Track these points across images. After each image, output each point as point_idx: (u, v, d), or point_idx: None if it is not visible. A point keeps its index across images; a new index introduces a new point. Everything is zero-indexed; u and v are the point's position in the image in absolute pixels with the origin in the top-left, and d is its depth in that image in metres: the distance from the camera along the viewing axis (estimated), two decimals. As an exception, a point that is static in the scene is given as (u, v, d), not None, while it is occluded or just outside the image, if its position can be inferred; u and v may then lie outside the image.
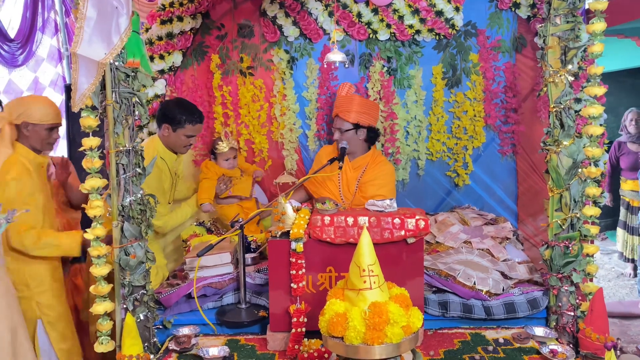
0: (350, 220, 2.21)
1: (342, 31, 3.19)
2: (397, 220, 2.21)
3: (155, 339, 2.34)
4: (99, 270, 2.12)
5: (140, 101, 2.23)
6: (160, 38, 3.05)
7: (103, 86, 2.12)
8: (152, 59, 3.05)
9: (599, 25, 2.16)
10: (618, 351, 2.10)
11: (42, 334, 2.64)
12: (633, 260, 5.21)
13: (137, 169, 2.23)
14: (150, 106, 2.95)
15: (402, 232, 2.21)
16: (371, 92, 3.31)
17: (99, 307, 2.14)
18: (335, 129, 2.91)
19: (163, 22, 3.04)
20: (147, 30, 3.06)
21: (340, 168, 2.81)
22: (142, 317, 2.24)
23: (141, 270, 2.23)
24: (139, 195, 2.23)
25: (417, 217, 2.21)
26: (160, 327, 2.44)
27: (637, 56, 5.05)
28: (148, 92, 2.91)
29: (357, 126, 2.93)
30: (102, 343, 2.16)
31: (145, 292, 2.27)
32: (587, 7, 2.32)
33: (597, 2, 2.16)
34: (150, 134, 2.92)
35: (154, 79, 2.98)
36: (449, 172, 3.43)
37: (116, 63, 2.11)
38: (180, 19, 3.04)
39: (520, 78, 3.23)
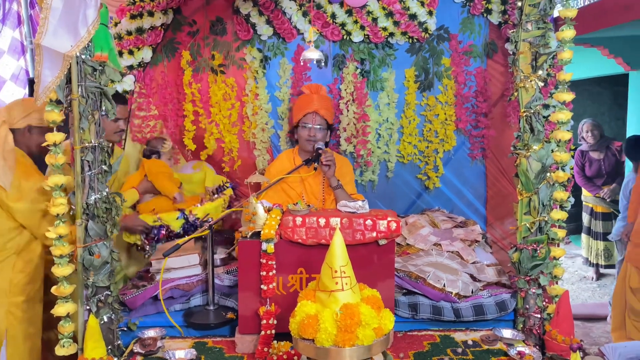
0: (322, 221, 2.19)
1: (316, 32, 3.18)
2: (369, 222, 2.20)
3: (119, 342, 2.27)
4: (61, 270, 2.05)
5: (108, 96, 2.16)
6: (129, 33, 2.97)
7: (69, 80, 2.05)
8: (120, 54, 2.97)
9: (568, 32, 2.20)
10: (582, 352, 2.14)
11: None
12: (596, 265, 5.36)
13: (103, 166, 2.16)
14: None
15: (374, 234, 2.20)
16: (344, 94, 3.30)
17: (61, 309, 2.06)
18: (312, 126, 2.85)
19: (133, 17, 2.96)
20: (116, 24, 2.98)
21: (316, 169, 2.78)
22: (105, 319, 2.18)
23: (105, 270, 2.16)
24: (105, 193, 2.16)
25: (389, 218, 2.21)
26: (125, 329, 2.37)
27: (603, 65, 5.19)
28: (116, 88, 2.83)
29: (330, 127, 2.94)
30: (63, 346, 2.09)
31: (109, 293, 2.20)
32: (556, 15, 2.36)
33: (567, 9, 2.21)
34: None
35: (123, 75, 2.89)
36: (420, 175, 3.45)
37: (83, 56, 2.04)
38: (150, 14, 2.96)
39: (491, 83, 3.27)
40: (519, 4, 2.29)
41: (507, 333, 2.30)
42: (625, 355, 2.44)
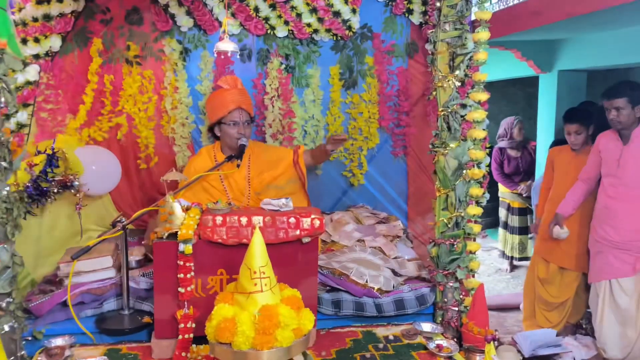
0: (243, 220, 2.13)
1: (238, 25, 3.10)
2: (292, 220, 2.17)
3: (23, 352, 2.11)
4: (-47, 277, 1.87)
5: (7, 87, 1.99)
6: (35, 19, 2.74)
7: (-39, 68, 1.86)
8: (25, 41, 2.74)
9: (483, 34, 2.28)
10: (496, 342, 2.23)
11: None
12: (511, 257, 5.64)
13: (3, 163, 1.99)
14: (20, 93, 2.64)
15: (298, 232, 2.18)
16: (269, 89, 3.24)
17: (-48, 319, 1.88)
18: (238, 122, 2.76)
19: (39, 2, 2.73)
20: (20, 9, 2.74)
21: (239, 166, 2.70)
22: (7, 329, 2.02)
23: (6, 276, 2.00)
24: (5, 193, 1.99)
25: (312, 216, 2.20)
26: (30, 338, 2.21)
27: (516, 67, 5.46)
28: (18, 78, 2.60)
29: (252, 120, 2.88)
30: (-45, 360, 1.90)
31: (11, 300, 2.03)
32: (473, 17, 2.44)
33: (482, 12, 2.29)
34: (18, 125, 2.62)
35: (26, 64, 2.67)
36: (345, 172, 3.46)
37: (-23, 42, 1.87)
38: (59, 0, 2.76)
39: (412, 82, 3.34)
40: (438, 4, 2.35)
41: (426, 327, 2.36)
42: (535, 343, 2.58)
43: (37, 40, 2.73)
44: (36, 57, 2.76)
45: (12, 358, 2.01)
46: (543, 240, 3.64)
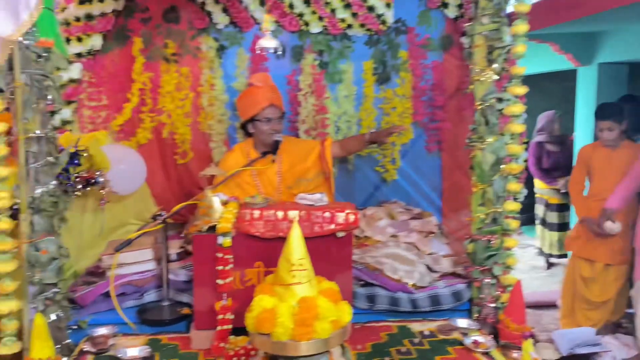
0: (280, 214, 2.16)
1: (272, 20, 3.12)
2: (327, 214, 2.19)
3: (68, 341, 2.19)
4: (3, 266, 1.95)
5: (54, 84, 2.07)
6: (77, 19, 2.83)
7: (11, 66, 1.94)
8: (68, 41, 2.83)
9: (522, 27, 2.25)
10: (533, 340, 2.20)
11: None
12: (547, 254, 5.54)
13: (49, 158, 2.06)
14: (64, 91, 2.74)
15: (332, 226, 2.19)
16: (302, 85, 3.26)
17: (3, 307, 1.97)
18: (272, 119, 2.79)
19: (82, 2, 2.82)
20: (63, 10, 2.83)
21: (274, 161, 2.74)
22: (54, 318, 2.09)
23: (53, 267, 2.08)
24: (51, 186, 2.06)
25: (346, 211, 2.21)
26: (75, 327, 2.28)
27: (553, 60, 5.35)
28: (62, 76, 2.70)
29: (283, 115, 2.91)
30: (6, 344, 1.99)
31: (58, 290, 2.11)
32: (510, 10, 2.41)
33: (521, 4, 2.25)
34: (62, 122, 2.70)
35: (70, 62, 2.76)
36: (378, 168, 3.46)
37: (26, 42, 1.94)
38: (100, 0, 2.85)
39: (447, 76, 3.30)
40: (475, -3, 2.32)
41: (462, 323, 2.34)
42: (573, 341, 2.54)
43: (79, 39, 2.82)
44: (78, 55, 2.84)
45: (58, 346, 2.08)
46: (583, 239, 3.57)
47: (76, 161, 2.52)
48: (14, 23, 1.78)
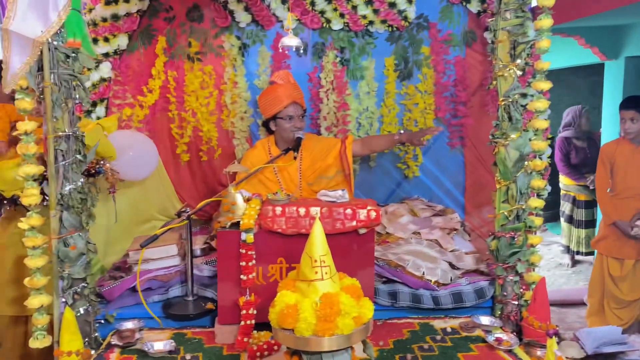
0: (302, 210, 2.18)
1: (295, 18, 3.14)
2: (348, 211, 2.20)
3: (96, 334, 2.24)
4: (35, 261, 2.01)
5: (82, 84, 2.11)
6: (104, 19, 2.90)
7: (41, 67, 1.99)
8: (95, 41, 2.89)
9: (546, 21, 2.21)
10: (557, 338, 2.18)
11: None
12: (572, 252, 5.44)
13: (78, 156, 2.11)
14: (96, 90, 2.80)
15: (354, 223, 2.20)
16: (324, 82, 3.28)
17: (35, 301, 2.02)
18: (294, 117, 2.82)
19: (108, 3, 2.88)
20: (90, 10, 2.90)
21: (295, 158, 2.76)
22: (82, 311, 2.15)
23: (81, 262, 2.13)
24: (79, 184, 2.12)
25: (368, 207, 2.21)
26: (102, 321, 2.34)
27: (579, 55, 5.24)
28: (91, 76, 2.76)
29: (305, 113, 2.93)
30: (37, 338, 2.05)
31: (85, 285, 2.17)
32: (534, 4, 2.37)
33: (545, -2, 2.21)
34: (98, 119, 2.77)
35: (98, 62, 2.82)
36: (400, 164, 3.45)
37: (55, 42, 1.99)
38: (126, 0, 2.90)
39: (470, 72, 3.28)
40: (498, -8, 2.30)
41: (485, 320, 2.33)
42: (599, 340, 2.50)
43: (106, 39, 2.88)
44: (105, 55, 2.91)
45: (86, 339, 2.14)
46: (611, 239, 3.52)
47: None
48: (43, 24, 1.82)
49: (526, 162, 2.34)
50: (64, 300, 2.10)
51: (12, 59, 1.80)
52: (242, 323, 2.13)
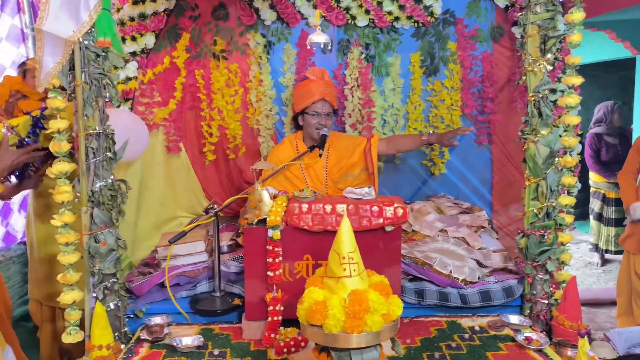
0: (328, 207, 2.18)
1: (322, 14, 3.13)
2: (375, 208, 2.19)
3: (126, 329, 2.28)
4: (68, 258, 2.05)
5: (112, 82, 2.15)
6: (132, 19, 2.93)
7: (72, 66, 2.03)
8: (123, 40, 2.93)
9: (578, 14, 2.17)
10: (588, 338, 2.13)
11: None
12: (602, 250, 5.32)
13: (108, 153, 2.15)
14: (127, 87, 2.85)
15: (381, 220, 2.19)
16: (349, 79, 3.27)
17: (67, 297, 2.07)
18: (321, 113, 2.82)
19: (135, 3, 2.92)
20: (118, 10, 2.94)
21: (321, 155, 2.76)
22: (112, 306, 2.18)
23: (112, 258, 2.17)
24: (110, 181, 2.15)
25: (395, 205, 2.20)
26: (132, 316, 2.38)
27: (609, 49, 5.13)
28: (120, 74, 2.80)
29: (335, 112, 2.91)
30: (70, 333, 2.09)
31: (115, 280, 2.20)
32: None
33: (577, -9, 2.17)
34: None
35: (126, 61, 2.86)
36: (425, 161, 3.42)
37: (86, 42, 2.02)
38: (153, -1, 2.93)
39: (497, 67, 3.23)
40: (528, -14, 2.25)
41: (514, 319, 2.30)
42: (631, 340, 2.44)
43: (134, 38, 2.91)
44: (133, 54, 2.94)
45: (116, 333, 2.17)
46: (637, 236, 3.42)
47: (40, 125, 2.45)
48: (75, 24, 1.86)
49: (556, 159, 2.29)
50: (94, 295, 2.14)
51: (45, 58, 1.84)
52: (269, 319, 2.14)
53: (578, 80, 2.23)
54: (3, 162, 2.41)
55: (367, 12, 3.15)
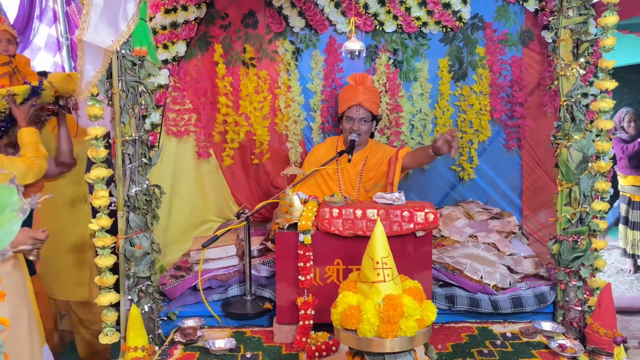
0: (359, 212, 2.19)
1: (357, 21, 3.14)
2: (406, 213, 2.19)
3: (160, 331, 2.32)
4: (104, 261, 2.10)
5: (147, 90, 2.20)
6: (164, 27, 2.99)
7: (109, 74, 2.09)
8: (155, 48, 3.00)
9: (611, 18, 2.14)
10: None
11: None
12: (633, 256, 5.21)
13: (143, 159, 2.20)
14: (160, 93, 2.91)
15: (411, 225, 2.19)
16: (377, 85, 3.27)
17: (104, 299, 2.12)
18: (354, 119, 2.82)
19: (167, 12, 2.98)
20: (150, 19, 3.01)
21: (349, 161, 2.77)
22: (146, 309, 2.23)
23: (146, 261, 2.22)
24: (145, 186, 2.20)
25: (426, 210, 2.20)
26: (165, 318, 2.42)
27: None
28: (152, 82, 2.86)
29: (374, 118, 2.92)
30: (107, 334, 2.14)
31: (150, 283, 2.25)
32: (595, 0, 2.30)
33: (610, -5, 2.14)
34: (152, 125, 2.87)
35: (158, 69, 2.92)
36: (454, 166, 3.41)
37: (123, 51, 2.08)
38: (184, 8, 2.98)
39: (527, 72, 3.20)
40: (560, -11, 2.24)
41: (547, 326, 2.27)
42: (668, 349, 2.39)
43: (165, 46, 2.97)
44: (164, 62, 3.00)
45: (151, 336, 2.22)
46: None
47: (37, 93, 2.55)
48: (113, 34, 1.91)
49: (590, 164, 2.27)
50: (129, 297, 2.19)
51: (86, 67, 1.90)
52: (301, 323, 2.16)
53: (612, 84, 2.20)
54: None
55: (395, 17, 3.17)
